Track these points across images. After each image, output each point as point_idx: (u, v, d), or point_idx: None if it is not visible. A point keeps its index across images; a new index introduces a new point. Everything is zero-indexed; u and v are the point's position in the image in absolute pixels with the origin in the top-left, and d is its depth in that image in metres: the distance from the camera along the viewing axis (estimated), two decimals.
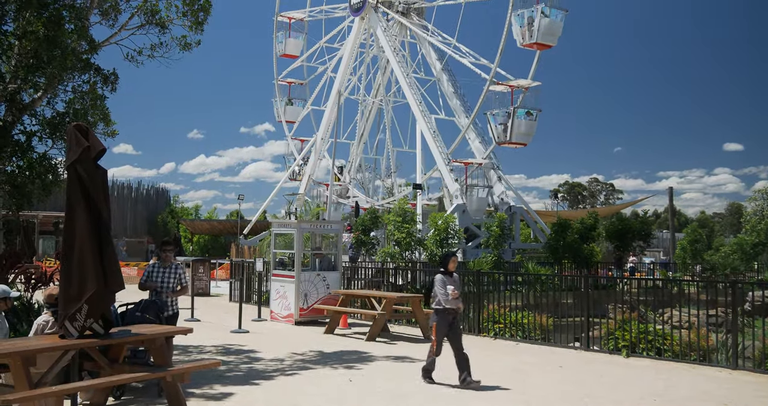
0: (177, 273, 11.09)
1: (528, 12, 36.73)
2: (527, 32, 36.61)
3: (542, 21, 36.20)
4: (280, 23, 53.10)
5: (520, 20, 36.95)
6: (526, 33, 36.70)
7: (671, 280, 21.67)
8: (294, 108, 53.39)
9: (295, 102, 53.68)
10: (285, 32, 52.47)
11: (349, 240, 29.72)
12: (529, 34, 36.59)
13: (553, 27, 36.72)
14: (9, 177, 12.98)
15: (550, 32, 36.71)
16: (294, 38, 52.49)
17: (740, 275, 32.20)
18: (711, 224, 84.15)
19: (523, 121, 37.38)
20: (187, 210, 70.81)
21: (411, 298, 16.60)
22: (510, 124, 37.20)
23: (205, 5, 15.04)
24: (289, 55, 52.80)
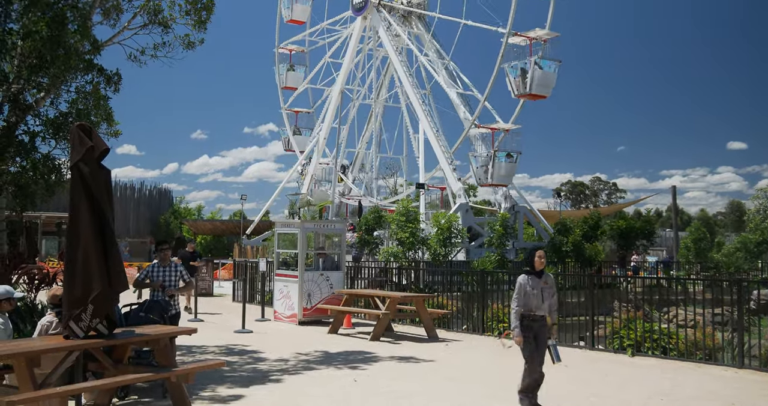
0: (178, 271, 11.16)
1: (521, 64, 36.86)
2: (521, 84, 36.80)
3: (536, 73, 36.34)
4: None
5: (514, 72, 37.09)
6: (519, 84, 36.89)
7: (676, 279, 21.62)
8: (295, 74, 53.23)
9: (297, 68, 53.56)
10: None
11: (353, 239, 29.69)
12: (523, 86, 36.75)
13: (547, 78, 36.87)
14: (13, 177, 12.97)
15: (544, 84, 36.88)
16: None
17: (744, 274, 32.11)
18: (713, 222, 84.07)
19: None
20: (190, 210, 70.81)
21: (415, 297, 16.57)
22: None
23: (208, 4, 15.02)
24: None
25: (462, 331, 17.15)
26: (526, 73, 36.66)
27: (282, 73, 53.05)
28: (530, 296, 8.96)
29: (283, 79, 52.98)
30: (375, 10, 45.30)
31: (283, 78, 52.95)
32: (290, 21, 52.78)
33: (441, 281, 21.59)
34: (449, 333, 16.77)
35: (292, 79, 52.93)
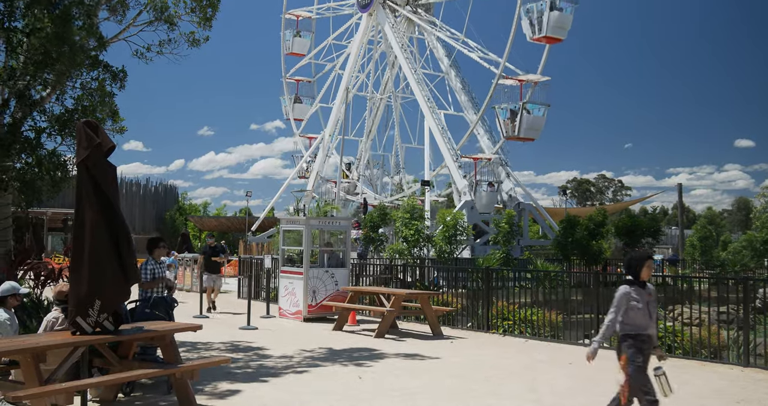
0: (169, 270, 11.23)
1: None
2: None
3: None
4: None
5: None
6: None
7: (681, 276, 21.58)
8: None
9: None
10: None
11: (358, 236, 29.71)
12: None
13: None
14: (18, 174, 13.00)
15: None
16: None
17: (750, 272, 32.03)
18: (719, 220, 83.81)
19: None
20: (196, 207, 70.96)
21: (420, 295, 16.57)
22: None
23: (213, 1, 15.03)
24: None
25: (467, 328, 17.14)
26: (542, 14, 36.41)
27: (288, 39, 52.86)
28: (637, 311, 7.33)
29: (289, 45, 52.78)
30: (380, 7, 45.28)
31: (289, 44, 52.76)
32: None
33: (446, 277, 21.60)
34: (454, 330, 16.76)
35: (298, 45, 52.73)
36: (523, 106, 37.05)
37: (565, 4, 36.70)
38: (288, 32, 52.99)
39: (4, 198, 13.55)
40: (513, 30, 37.68)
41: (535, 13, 36.57)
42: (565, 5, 36.69)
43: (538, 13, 36.47)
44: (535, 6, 36.70)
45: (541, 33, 36.68)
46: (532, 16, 36.66)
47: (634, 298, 7.33)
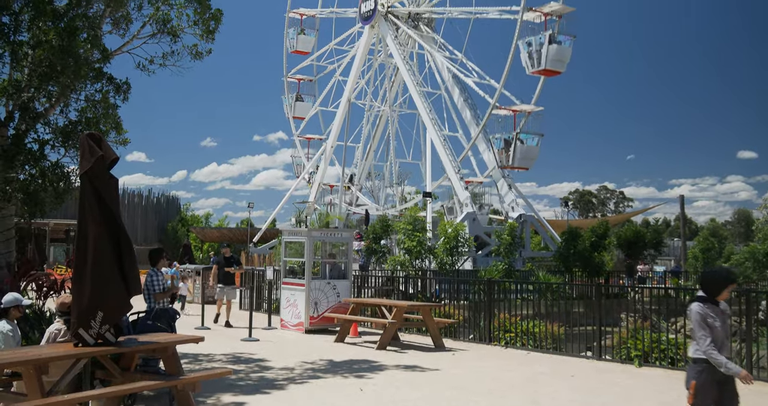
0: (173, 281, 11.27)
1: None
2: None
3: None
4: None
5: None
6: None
7: (683, 288, 21.53)
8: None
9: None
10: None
11: (360, 248, 29.70)
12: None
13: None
14: (22, 185, 13.05)
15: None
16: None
17: (753, 284, 31.93)
18: (721, 231, 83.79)
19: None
20: (198, 218, 70.99)
21: (421, 306, 16.56)
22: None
23: (216, 14, 15.14)
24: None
25: (469, 340, 17.12)
26: (509, 144, 36.71)
27: (292, 38, 52.96)
28: (714, 330, 6.63)
29: (293, 43, 52.88)
30: (383, 19, 45.46)
31: (293, 42, 52.86)
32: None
33: (448, 289, 21.57)
34: (456, 342, 16.74)
35: (302, 43, 52.79)
36: (517, 136, 37.18)
37: (563, 37, 36.80)
38: (292, 30, 53.13)
39: (8, 209, 13.60)
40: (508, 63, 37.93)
41: (534, 46, 36.69)
42: (563, 39, 36.79)
43: (537, 46, 36.58)
44: (534, 39, 36.78)
45: (539, 66, 36.80)
46: (531, 50, 36.77)
47: (711, 316, 6.63)
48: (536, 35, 36.85)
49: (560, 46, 36.45)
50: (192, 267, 28.78)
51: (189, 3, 15.25)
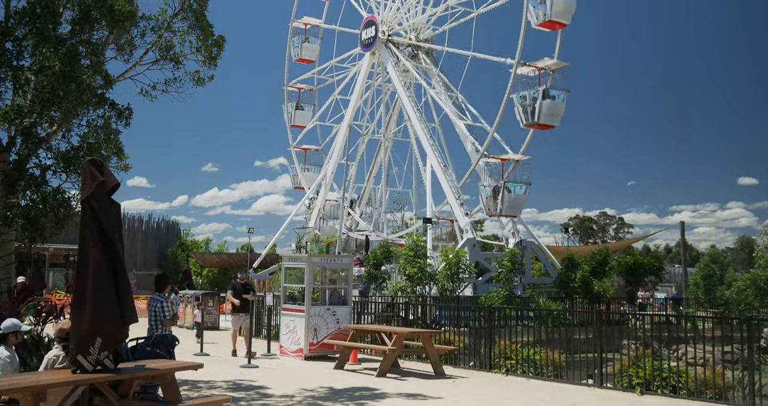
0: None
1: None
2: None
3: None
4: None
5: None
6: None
7: (684, 316, 21.46)
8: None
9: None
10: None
11: (360, 273, 29.63)
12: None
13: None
14: (23, 210, 13.06)
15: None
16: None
17: (755, 311, 31.82)
18: (722, 258, 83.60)
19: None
20: (198, 243, 70.85)
21: (422, 333, 16.48)
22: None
23: (219, 41, 15.28)
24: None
25: (469, 367, 17.01)
26: (534, 101, 36.71)
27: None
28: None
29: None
30: (383, 46, 45.82)
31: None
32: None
33: (448, 315, 21.49)
34: (456, 370, 16.63)
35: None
36: (505, 184, 37.38)
37: (557, 92, 37.12)
38: (296, 39, 53.45)
39: (8, 234, 13.60)
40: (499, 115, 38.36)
41: (527, 100, 36.99)
42: (557, 93, 37.10)
43: (530, 100, 36.88)
44: (528, 93, 37.09)
45: (533, 120, 37.09)
46: (525, 103, 37.08)
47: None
48: (530, 89, 37.22)
49: (554, 101, 36.78)
50: (192, 292, 28.67)
51: (192, 30, 15.41)
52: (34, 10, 13.71)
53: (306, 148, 53.70)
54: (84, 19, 14.01)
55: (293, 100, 53.97)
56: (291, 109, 53.48)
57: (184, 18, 15.30)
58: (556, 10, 36.11)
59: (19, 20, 13.80)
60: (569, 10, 36.85)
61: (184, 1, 15.09)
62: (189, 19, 15.24)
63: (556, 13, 36.19)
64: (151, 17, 15.41)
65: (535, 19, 36.76)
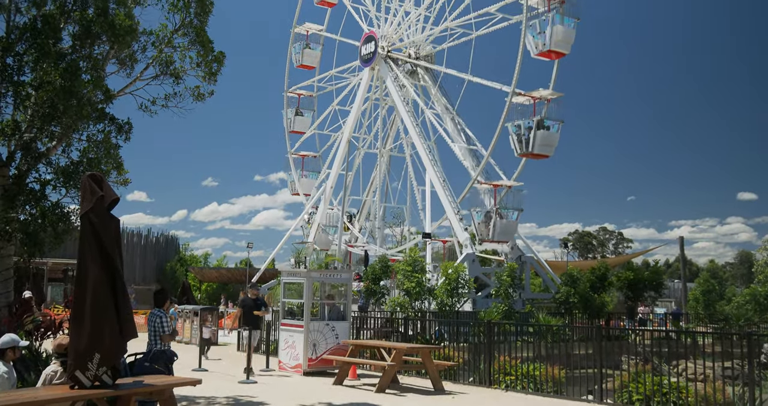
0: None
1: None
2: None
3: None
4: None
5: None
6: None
7: (684, 331, 21.41)
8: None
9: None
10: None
11: (359, 288, 29.58)
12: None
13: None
14: (22, 225, 13.05)
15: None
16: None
17: (755, 326, 31.76)
18: (721, 273, 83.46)
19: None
20: (196, 258, 70.78)
21: (421, 349, 16.42)
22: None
23: (219, 57, 15.34)
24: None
25: (469, 383, 16.94)
26: (529, 131, 36.89)
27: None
28: None
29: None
30: (383, 62, 46.02)
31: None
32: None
33: (448, 331, 21.44)
34: (456, 385, 16.57)
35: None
36: (497, 211, 37.53)
37: (551, 122, 37.30)
38: (298, 45, 53.61)
39: (7, 249, 13.58)
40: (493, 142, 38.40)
41: (522, 129, 37.18)
42: (551, 123, 37.29)
43: (524, 130, 37.04)
44: (522, 123, 37.24)
45: (527, 150, 37.27)
46: (520, 133, 37.27)
47: None
48: (525, 119, 37.33)
49: (548, 131, 36.94)
50: (191, 307, 28.58)
51: (192, 45, 15.47)
52: (34, 26, 13.78)
53: (304, 154, 53.81)
54: (85, 34, 14.08)
55: (293, 106, 54.09)
56: (290, 114, 53.57)
57: (185, 34, 15.37)
58: (556, 39, 36.10)
59: (20, 36, 13.86)
60: (568, 40, 36.87)
61: (184, 17, 15.17)
62: (189, 35, 15.32)
63: (555, 43, 36.17)
64: (152, 32, 15.48)
65: (534, 48, 36.82)
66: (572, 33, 36.89)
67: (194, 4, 15.12)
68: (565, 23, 36.31)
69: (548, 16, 36.28)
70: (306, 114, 53.94)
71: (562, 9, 36.45)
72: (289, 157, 53.85)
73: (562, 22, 36.16)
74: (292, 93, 54.32)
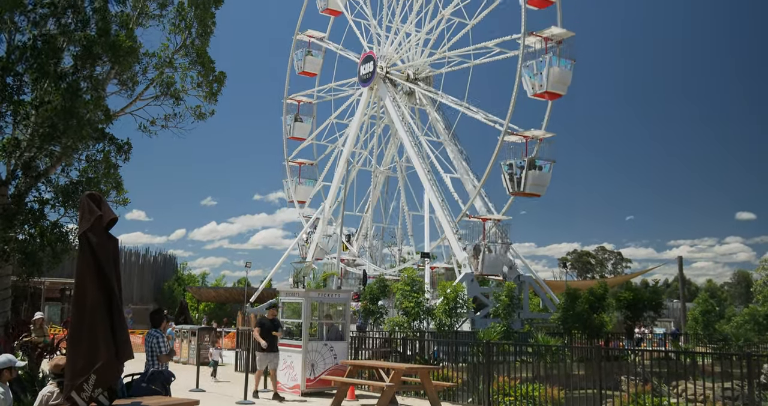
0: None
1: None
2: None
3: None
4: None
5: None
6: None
7: (684, 352, 21.33)
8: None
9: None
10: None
11: (358, 308, 29.50)
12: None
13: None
14: (20, 245, 13.04)
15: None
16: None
17: (754, 347, 31.65)
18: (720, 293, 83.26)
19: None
20: (194, 277, 70.61)
21: (419, 369, 16.35)
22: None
23: (220, 77, 15.44)
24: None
25: (467, 404, 16.84)
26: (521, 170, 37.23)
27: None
28: None
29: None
30: (381, 82, 46.24)
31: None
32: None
33: (446, 351, 21.35)
34: None
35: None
36: (486, 245, 37.81)
37: (543, 162, 37.63)
38: (300, 51, 53.89)
39: (5, 269, 13.55)
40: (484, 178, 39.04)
41: (514, 169, 37.51)
42: (543, 163, 37.62)
43: (517, 169, 37.38)
44: (515, 163, 37.62)
45: (519, 189, 37.68)
46: (512, 172, 37.62)
47: None
48: (516, 159, 37.75)
49: (540, 171, 37.24)
50: (188, 327, 28.48)
51: (193, 65, 15.57)
52: (35, 46, 13.85)
53: (301, 162, 53.97)
54: (86, 54, 14.15)
55: (292, 112, 54.28)
56: (290, 121, 53.77)
57: (186, 54, 15.47)
58: (553, 81, 36.49)
59: (20, 56, 13.93)
60: (565, 82, 37.32)
61: (186, 38, 15.28)
62: (190, 55, 15.42)
63: (552, 85, 36.56)
64: (153, 54, 15.58)
65: (531, 89, 37.19)
66: (569, 74, 37.37)
67: (196, 25, 15.24)
68: (562, 65, 36.75)
69: (545, 58, 36.69)
70: (306, 120, 54.13)
71: (559, 50, 36.93)
72: (286, 165, 54.00)
73: (558, 64, 36.56)
74: (291, 100, 54.58)
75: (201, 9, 15.55)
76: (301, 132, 53.73)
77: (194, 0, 15.60)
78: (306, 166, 54.30)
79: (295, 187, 53.20)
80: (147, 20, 15.96)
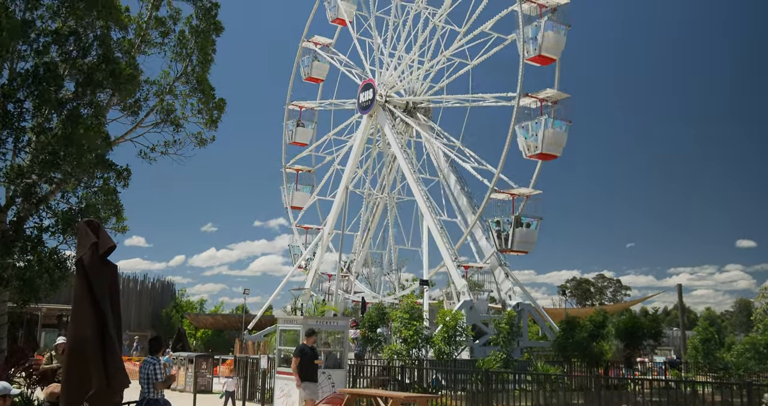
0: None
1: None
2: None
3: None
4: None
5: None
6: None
7: (684, 380, 21.18)
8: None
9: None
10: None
11: (356, 336, 29.34)
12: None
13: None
14: (18, 271, 12.99)
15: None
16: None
17: (754, 376, 31.44)
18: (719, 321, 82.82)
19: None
20: (192, 304, 70.34)
21: (418, 398, 16.22)
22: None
23: (220, 104, 15.54)
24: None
25: None
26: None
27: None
28: None
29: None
30: (381, 109, 46.46)
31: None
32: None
33: (445, 379, 21.20)
34: None
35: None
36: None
37: (529, 219, 37.90)
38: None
39: (2, 295, 13.49)
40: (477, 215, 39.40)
41: (501, 226, 37.86)
42: (530, 220, 37.90)
43: (504, 226, 37.70)
44: (502, 219, 37.95)
45: (506, 247, 37.92)
46: (499, 230, 37.94)
47: None
48: (503, 216, 38.05)
49: (527, 229, 37.48)
50: (185, 354, 28.29)
51: (193, 92, 15.67)
52: (36, 72, 13.93)
53: (299, 168, 54.09)
54: (87, 81, 14.24)
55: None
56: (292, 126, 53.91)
57: (186, 81, 15.59)
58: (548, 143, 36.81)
59: (22, 82, 14.00)
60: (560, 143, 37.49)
61: (186, 66, 15.40)
62: (191, 83, 15.53)
63: (547, 146, 36.77)
64: (154, 82, 15.69)
65: (526, 149, 37.38)
66: (564, 136, 37.71)
67: (196, 53, 15.37)
68: (556, 126, 37.06)
69: (540, 119, 36.95)
70: (308, 125, 54.25)
71: (554, 111, 37.23)
72: (284, 172, 54.13)
73: (553, 126, 36.87)
74: (294, 106, 54.77)
75: (202, 37, 15.71)
76: (303, 137, 53.85)
77: (195, 28, 15.77)
78: (303, 174, 54.42)
79: (292, 194, 53.23)
80: (149, 48, 16.11)
